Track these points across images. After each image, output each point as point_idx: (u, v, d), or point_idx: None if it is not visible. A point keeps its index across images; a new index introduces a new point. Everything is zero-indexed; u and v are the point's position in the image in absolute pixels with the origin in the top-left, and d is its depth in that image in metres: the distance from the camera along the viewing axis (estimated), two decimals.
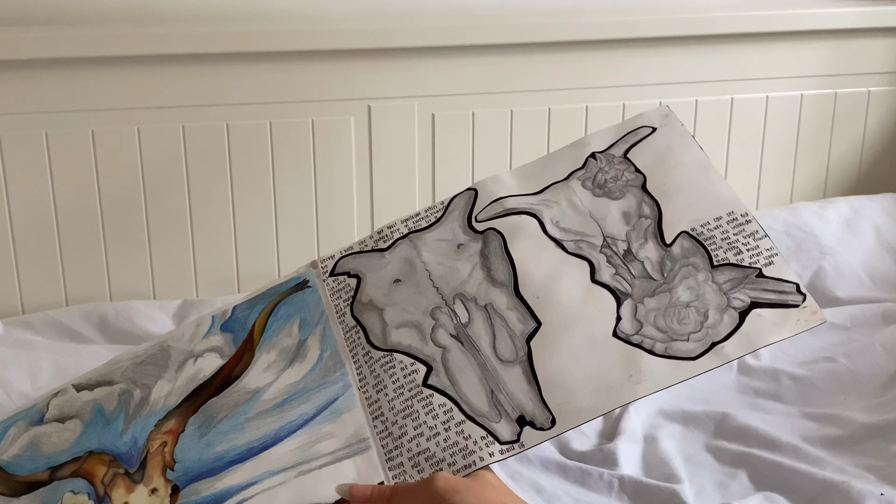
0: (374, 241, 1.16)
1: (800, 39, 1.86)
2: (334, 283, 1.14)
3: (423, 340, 1.04)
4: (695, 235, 1.04)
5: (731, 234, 1.03)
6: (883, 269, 1.75)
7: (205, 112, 1.64)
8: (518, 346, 1.00)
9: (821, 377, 1.44)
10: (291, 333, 1.12)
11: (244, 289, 1.72)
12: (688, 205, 1.07)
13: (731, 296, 0.98)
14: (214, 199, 1.68)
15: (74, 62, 1.56)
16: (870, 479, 1.20)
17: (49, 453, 1.10)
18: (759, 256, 1.00)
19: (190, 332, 1.17)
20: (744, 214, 1.04)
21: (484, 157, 1.78)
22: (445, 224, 1.15)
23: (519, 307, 1.04)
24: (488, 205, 1.15)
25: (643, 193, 1.10)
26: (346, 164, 1.72)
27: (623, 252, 1.05)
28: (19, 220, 1.61)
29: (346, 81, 1.68)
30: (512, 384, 0.98)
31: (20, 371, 1.43)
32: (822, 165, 1.96)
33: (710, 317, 0.97)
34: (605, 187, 1.12)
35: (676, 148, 1.15)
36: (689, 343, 0.95)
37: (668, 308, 0.99)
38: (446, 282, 1.09)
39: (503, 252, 1.09)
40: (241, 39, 1.61)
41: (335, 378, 1.06)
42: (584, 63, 1.77)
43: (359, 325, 1.09)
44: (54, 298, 1.65)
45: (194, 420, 1.07)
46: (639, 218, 1.07)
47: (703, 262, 1.02)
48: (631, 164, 1.14)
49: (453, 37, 1.69)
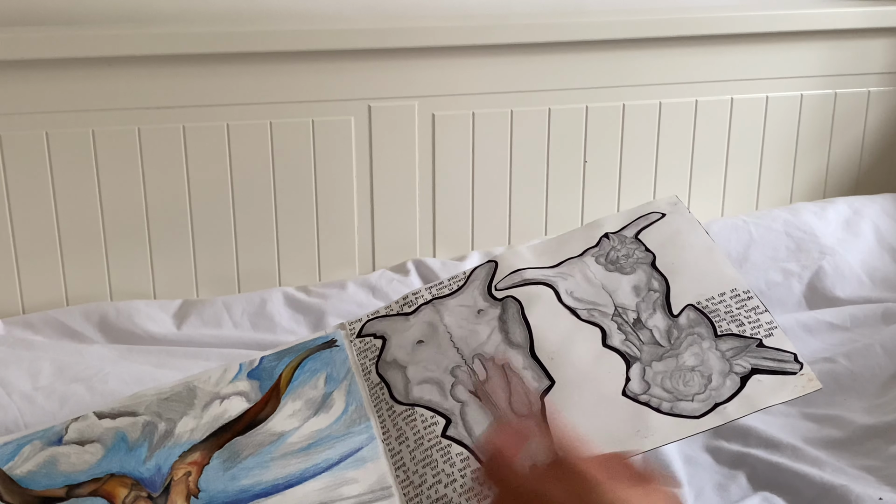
0: (400, 305, 1.26)
1: (800, 39, 1.86)
2: (361, 344, 1.23)
3: (443, 395, 1.11)
4: (700, 308, 1.13)
5: (734, 308, 1.11)
6: (883, 269, 1.75)
7: (205, 112, 1.64)
8: (532, 402, 1.08)
9: (820, 377, 1.42)
10: (317, 386, 1.19)
11: (244, 289, 1.72)
12: (694, 281, 1.16)
13: (733, 362, 1.06)
14: (214, 199, 1.68)
15: (74, 62, 1.56)
16: (869, 481, 1.20)
17: (67, 472, 1.13)
18: (759, 329, 1.09)
19: (217, 376, 1.22)
20: (745, 291, 1.13)
21: (484, 157, 1.78)
22: (467, 292, 1.25)
23: (534, 367, 1.11)
24: (507, 275, 1.25)
25: (652, 270, 1.20)
26: (346, 164, 1.72)
27: (633, 320, 1.13)
28: (19, 220, 1.61)
29: (346, 81, 1.68)
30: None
31: (20, 371, 1.43)
32: (822, 165, 1.96)
33: (714, 380, 1.04)
34: (616, 263, 1.22)
35: (684, 231, 1.24)
36: (693, 403, 1.03)
37: (675, 371, 1.06)
38: (466, 343, 1.17)
39: (520, 318, 1.18)
40: (241, 39, 1.61)
41: (360, 429, 1.12)
42: (584, 63, 1.77)
43: (383, 381, 1.16)
44: (55, 298, 1.65)
45: (219, 454, 1.11)
46: (648, 291, 1.17)
47: (708, 331, 1.10)
48: (641, 244, 1.24)
49: (453, 37, 1.69)
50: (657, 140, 1.85)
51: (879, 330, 1.56)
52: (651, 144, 1.85)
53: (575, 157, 1.82)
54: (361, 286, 1.68)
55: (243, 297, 1.66)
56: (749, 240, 1.78)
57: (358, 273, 1.77)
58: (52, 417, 1.32)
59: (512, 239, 1.83)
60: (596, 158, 1.83)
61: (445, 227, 1.80)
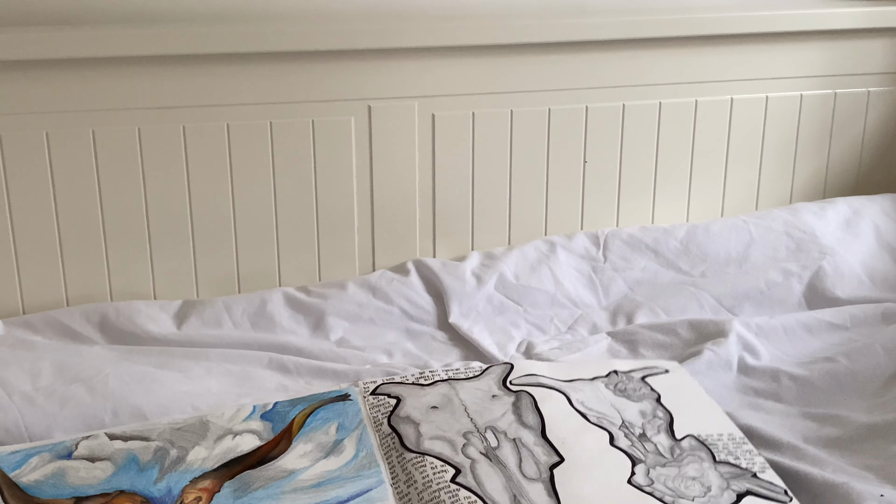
0: (416, 378, 1.35)
1: (800, 39, 1.86)
2: (374, 400, 1.30)
3: (454, 451, 1.19)
4: (701, 440, 1.24)
5: (731, 447, 1.23)
6: (882, 269, 1.75)
7: (205, 112, 1.64)
8: (542, 471, 1.16)
9: (820, 377, 1.44)
10: (329, 433, 1.23)
11: (244, 289, 1.72)
12: (695, 420, 1.28)
13: (730, 482, 1.16)
14: (214, 199, 1.68)
15: (75, 62, 1.56)
16: (870, 479, 1.20)
17: (76, 485, 1.15)
18: (754, 465, 1.20)
19: (230, 414, 1.27)
20: (741, 437, 1.25)
21: (484, 157, 1.78)
22: (483, 380, 1.35)
23: (545, 445, 1.21)
24: (523, 376, 1.36)
25: (657, 404, 1.32)
26: (346, 164, 1.72)
27: (638, 434, 1.25)
28: (20, 220, 1.61)
29: (346, 81, 1.68)
30: (534, 495, 1.11)
31: (20, 371, 1.43)
32: (822, 166, 1.97)
33: (713, 490, 1.15)
34: (625, 392, 1.34)
35: (686, 386, 1.37)
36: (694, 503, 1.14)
37: (677, 477, 1.17)
38: (480, 416, 1.26)
39: (534, 407, 1.28)
40: (241, 39, 1.61)
41: (370, 473, 1.16)
42: (584, 63, 1.77)
43: (395, 432, 1.23)
44: (55, 298, 1.65)
45: (230, 484, 1.14)
46: (653, 417, 1.29)
47: (708, 456, 1.21)
48: (647, 385, 1.36)
49: (453, 37, 1.69)
50: (657, 140, 1.85)
51: (879, 330, 1.56)
52: (651, 144, 1.85)
53: (575, 157, 1.82)
54: (361, 286, 1.68)
55: (243, 297, 1.66)
56: (749, 240, 1.78)
57: (358, 273, 1.77)
58: (52, 418, 1.32)
59: (512, 239, 1.83)
60: (596, 158, 1.83)
61: (445, 227, 1.80)
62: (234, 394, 1.40)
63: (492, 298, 1.67)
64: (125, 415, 1.33)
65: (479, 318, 1.64)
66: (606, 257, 1.76)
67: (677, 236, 1.79)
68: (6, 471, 1.15)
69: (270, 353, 1.52)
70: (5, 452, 1.20)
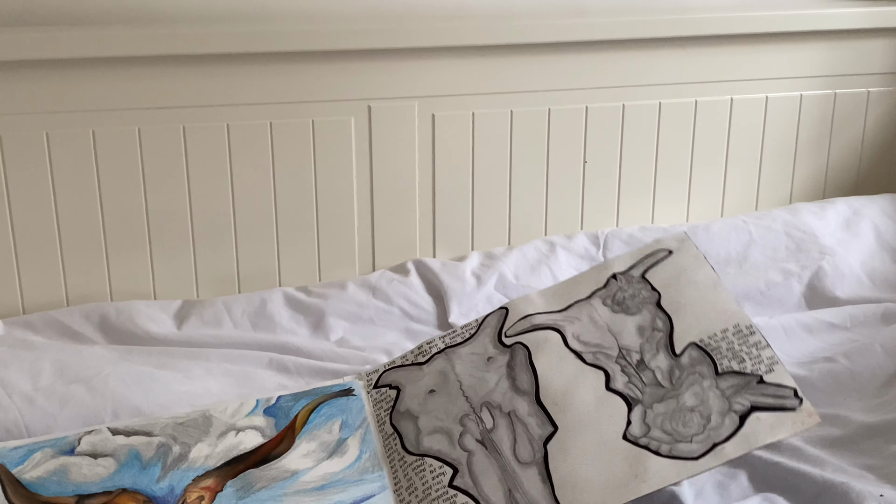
0: (415, 355, 1.34)
1: (800, 40, 1.86)
2: (377, 395, 1.30)
3: (452, 445, 1.19)
4: (702, 346, 1.18)
5: (736, 344, 1.16)
6: (882, 269, 1.75)
7: (205, 112, 1.64)
8: (536, 449, 1.15)
9: (820, 377, 1.44)
10: (332, 430, 1.23)
11: (244, 289, 1.72)
12: (697, 319, 1.21)
13: (732, 400, 1.11)
14: (214, 199, 1.68)
15: (75, 62, 1.56)
16: (869, 479, 1.20)
17: (78, 482, 1.15)
18: (760, 364, 1.14)
19: (233, 408, 1.27)
20: (748, 326, 1.18)
21: (484, 157, 1.78)
22: (478, 340, 1.32)
23: (539, 413, 1.19)
24: (517, 321, 1.31)
25: (657, 309, 1.25)
26: (346, 164, 1.72)
27: (636, 362, 1.20)
28: (19, 220, 1.61)
29: (346, 81, 1.68)
30: (528, 484, 1.11)
31: (20, 371, 1.43)
32: (822, 166, 1.97)
33: (713, 420, 1.10)
34: (623, 304, 1.28)
35: (690, 269, 1.29)
36: (691, 444, 1.08)
37: (675, 413, 1.12)
38: (475, 391, 1.24)
39: (527, 364, 1.25)
40: (241, 39, 1.61)
41: (373, 478, 1.17)
42: (584, 63, 1.77)
43: (396, 432, 1.23)
44: (55, 298, 1.65)
45: (233, 483, 1.14)
46: (652, 331, 1.23)
47: (709, 370, 1.15)
48: (648, 284, 1.30)
49: (453, 37, 1.69)
50: (657, 140, 1.85)
51: (879, 330, 1.56)
52: (651, 144, 1.85)
53: (575, 157, 1.82)
54: (361, 286, 1.68)
55: (243, 297, 1.66)
56: (749, 240, 1.78)
57: (358, 273, 1.77)
58: (52, 418, 1.32)
59: (512, 239, 1.83)
60: (596, 158, 1.83)
61: (445, 227, 1.80)
62: (234, 394, 1.40)
63: (492, 298, 1.67)
64: (125, 415, 1.33)
65: None
66: (606, 257, 1.76)
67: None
68: (9, 467, 1.15)
69: (270, 354, 1.52)
70: (8, 448, 1.20)
